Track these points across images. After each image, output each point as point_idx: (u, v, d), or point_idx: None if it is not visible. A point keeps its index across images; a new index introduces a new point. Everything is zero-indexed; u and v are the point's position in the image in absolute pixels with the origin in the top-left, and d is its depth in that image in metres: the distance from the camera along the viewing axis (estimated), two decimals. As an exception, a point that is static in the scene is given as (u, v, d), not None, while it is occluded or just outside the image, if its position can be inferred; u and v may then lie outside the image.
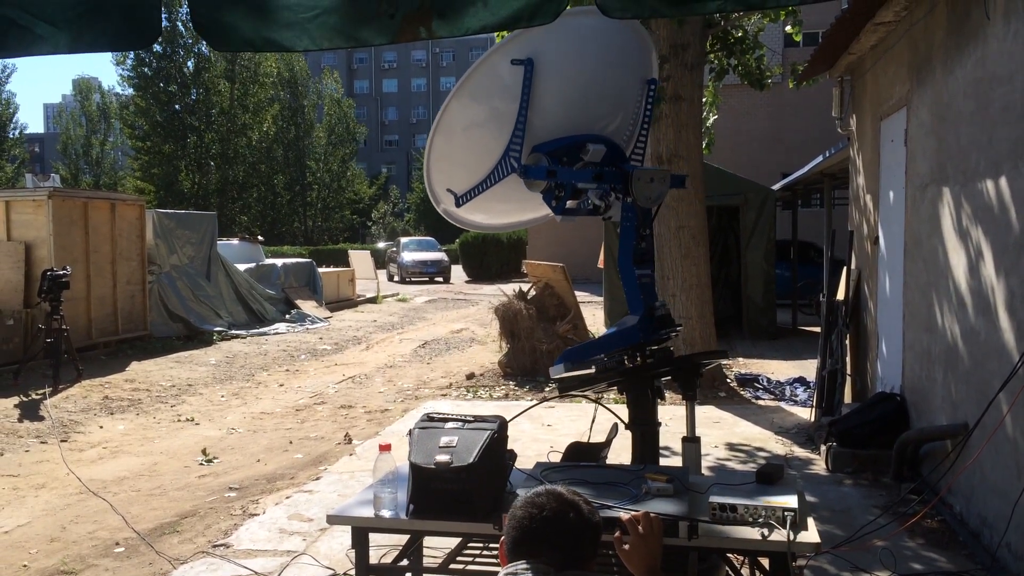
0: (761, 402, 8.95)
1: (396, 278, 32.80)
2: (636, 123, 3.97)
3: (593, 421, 4.28)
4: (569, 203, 3.73)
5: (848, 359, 7.93)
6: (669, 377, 3.77)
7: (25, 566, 4.82)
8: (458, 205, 3.87)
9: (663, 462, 3.94)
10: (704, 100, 10.23)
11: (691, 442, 3.65)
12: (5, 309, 11.08)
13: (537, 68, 3.51)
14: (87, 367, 10.75)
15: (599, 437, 4.15)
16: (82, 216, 12.45)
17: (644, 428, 3.67)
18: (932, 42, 5.73)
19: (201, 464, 7.02)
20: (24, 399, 9.16)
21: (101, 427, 8.38)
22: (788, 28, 9.68)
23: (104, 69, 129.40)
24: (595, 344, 3.82)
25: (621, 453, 4.36)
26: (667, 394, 8.52)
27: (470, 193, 3.81)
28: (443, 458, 2.82)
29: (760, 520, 2.69)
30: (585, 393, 3.97)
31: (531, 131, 3.61)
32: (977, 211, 4.80)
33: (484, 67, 3.62)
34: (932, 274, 5.69)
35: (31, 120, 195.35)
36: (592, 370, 3.66)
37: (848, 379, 7.91)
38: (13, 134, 46.19)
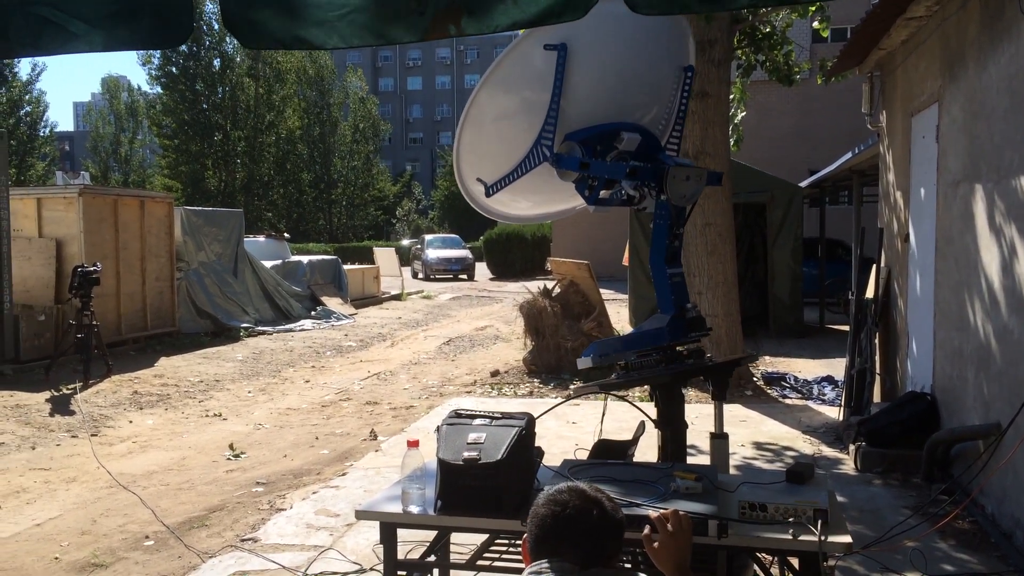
0: (788, 401, 8.88)
1: (420, 275, 32.89)
2: (671, 111, 3.88)
3: (603, 416, 4.23)
4: (602, 193, 3.64)
5: (877, 358, 7.84)
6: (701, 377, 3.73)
7: (56, 558, 4.88)
8: (488, 195, 3.79)
9: (688, 461, 3.91)
10: (732, 96, 10.16)
11: (720, 438, 3.62)
12: (36, 305, 11.24)
13: (570, 53, 3.41)
14: (117, 362, 10.87)
15: (612, 434, 4.12)
16: (112, 213, 12.59)
17: (673, 427, 3.64)
18: (964, 37, 5.65)
19: (229, 459, 7.08)
20: (55, 394, 9.29)
21: (130, 422, 8.47)
22: (815, 24, 9.58)
23: (132, 68, 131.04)
24: (624, 340, 3.78)
25: (646, 452, 4.34)
26: (691, 392, 8.54)
27: (500, 183, 3.72)
28: (471, 454, 2.82)
29: (791, 519, 2.66)
30: (606, 391, 3.94)
31: (563, 119, 3.52)
32: (1011, 208, 4.73)
33: (515, 54, 3.53)
34: (964, 272, 5.61)
35: (61, 118, 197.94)
36: (622, 363, 3.61)
37: (877, 378, 7.83)
38: (44, 132, 46.66)
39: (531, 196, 4.10)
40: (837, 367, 9.96)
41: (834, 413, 8.02)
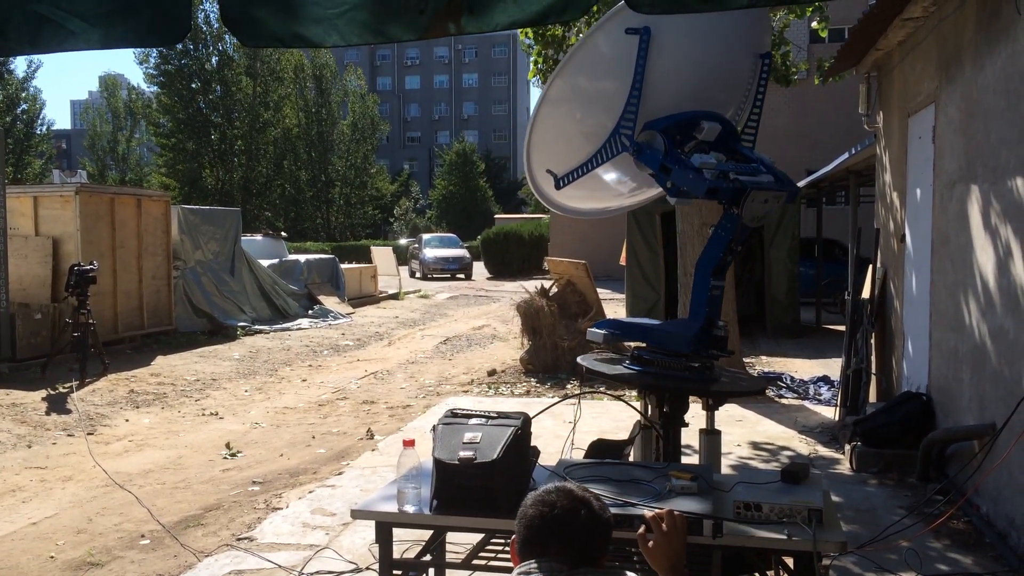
0: (784, 401, 8.89)
1: (418, 275, 32.86)
2: (748, 99, 3.84)
3: (578, 412, 4.18)
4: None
5: (873, 358, 7.85)
6: None
7: (52, 557, 4.88)
8: (558, 187, 3.71)
9: (682, 460, 3.90)
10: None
11: (711, 434, 3.62)
12: (33, 303, 11.23)
13: (651, 38, 3.32)
14: (113, 361, 10.86)
15: (607, 432, 4.11)
16: (109, 211, 12.57)
17: (673, 428, 3.63)
18: (961, 38, 5.66)
19: (225, 458, 7.07)
20: (51, 392, 9.27)
21: (127, 420, 8.46)
22: (814, 24, 9.57)
23: (131, 66, 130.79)
24: (643, 329, 3.73)
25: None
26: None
27: (572, 174, 3.63)
28: (467, 454, 2.82)
29: (785, 519, 2.67)
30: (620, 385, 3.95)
31: (643, 107, 3.45)
32: (1007, 209, 4.74)
33: (588, 45, 3.47)
34: (960, 272, 5.62)
35: (58, 116, 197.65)
36: (636, 354, 3.57)
37: (873, 378, 7.83)
38: (40, 130, 46.57)
39: (603, 190, 3.99)
40: (833, 367, 9.97)
41: (830, 413, 8.03)
